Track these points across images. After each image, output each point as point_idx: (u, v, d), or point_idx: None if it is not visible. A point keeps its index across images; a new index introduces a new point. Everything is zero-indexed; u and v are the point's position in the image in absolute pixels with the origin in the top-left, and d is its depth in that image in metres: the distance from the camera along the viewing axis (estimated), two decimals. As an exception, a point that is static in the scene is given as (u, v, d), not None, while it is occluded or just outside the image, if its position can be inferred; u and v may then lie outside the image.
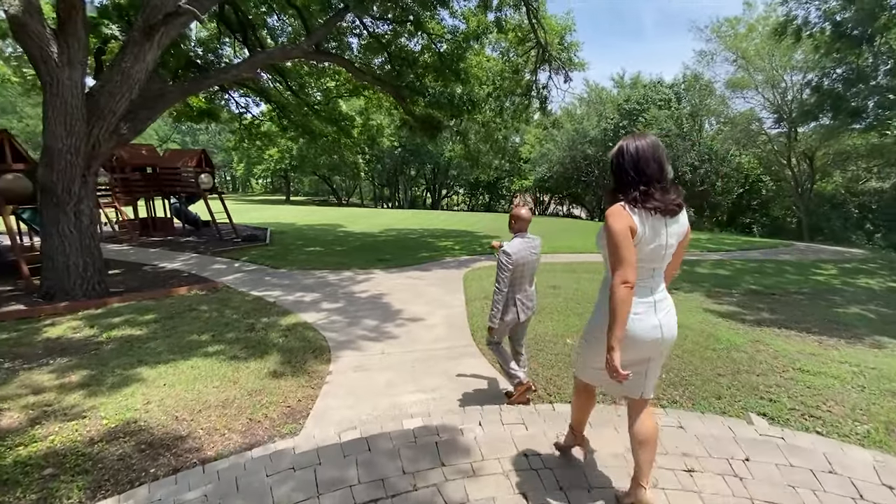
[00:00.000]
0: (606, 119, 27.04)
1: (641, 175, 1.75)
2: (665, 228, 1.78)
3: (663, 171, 1.78)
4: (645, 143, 1.79)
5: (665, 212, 1.75)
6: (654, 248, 1.77)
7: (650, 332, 1.82)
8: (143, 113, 8.00)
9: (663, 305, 1.88)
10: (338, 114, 14.99)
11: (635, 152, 1.78)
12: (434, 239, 15.00)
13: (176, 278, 8.93)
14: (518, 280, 3.32)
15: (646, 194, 1.73)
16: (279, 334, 5.27)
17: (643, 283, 1.81)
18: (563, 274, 9.39)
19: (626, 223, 1.70)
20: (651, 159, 1.76)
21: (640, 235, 1.71)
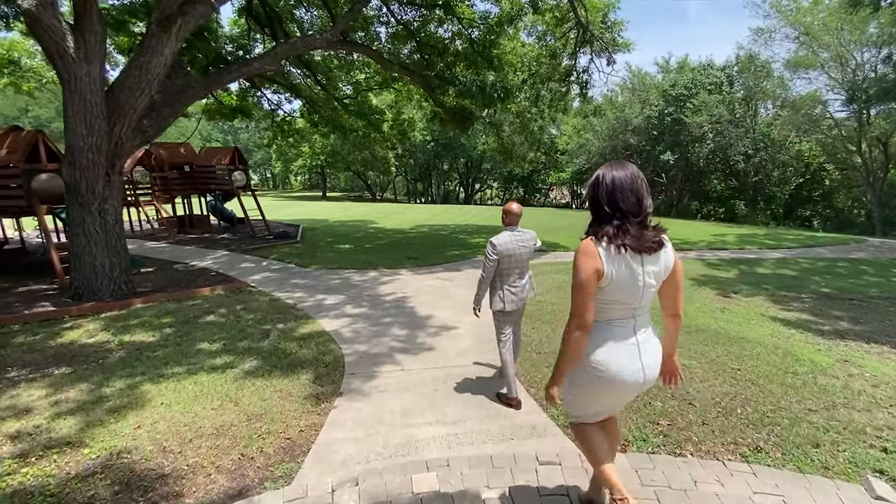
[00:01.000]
0: (650, 106, 25.39)
1: (616, 209, 1.61)
2: (641, 267, 1.62)
3: (642, 204, 1.61)
4: (623, 173, 1.63)
5: (640, 250, 1.59)
6: (628, 288, 1.62)
7: (633, 376, 1.69)
8: (165, 109, 7.84)
9: (647, 347, 1.74)
10: (367, 108, 14.61)
11: (611, 183, 1.62)
12: (466, 235, 14.42)
13: (203, 277, 8.83)
14: (506, 271, 3.44)
15: (620, 230, 1.60)
16: (294, 344, 4.86)
17: (623, 323, 1.69)
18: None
19: (592, 266, 1.59)
20: (629, 191, 1.60)
21: (609, 276, 1.59)
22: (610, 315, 1.68)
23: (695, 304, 6.76)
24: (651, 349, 1.73)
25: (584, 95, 11.39)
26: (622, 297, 1.63)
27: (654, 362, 1.74)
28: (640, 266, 1.61)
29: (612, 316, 1.68)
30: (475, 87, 10.13)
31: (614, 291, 1.61)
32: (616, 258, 1.58)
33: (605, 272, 1.57)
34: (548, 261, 10.23)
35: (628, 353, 1.67)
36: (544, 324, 5.45)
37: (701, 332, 5.25)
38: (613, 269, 1.58)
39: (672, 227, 10.69)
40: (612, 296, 1.62)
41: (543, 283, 7.70)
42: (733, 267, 10.01)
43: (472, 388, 3.82)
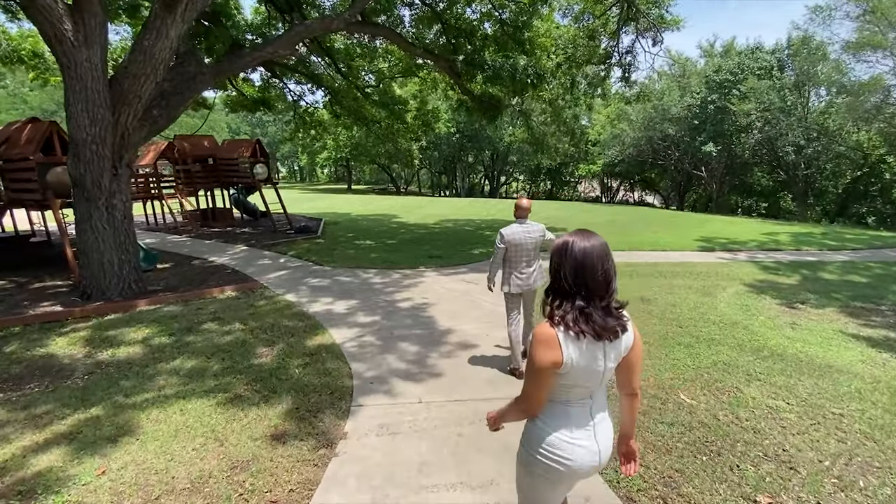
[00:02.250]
0: (692, 93, 23.74)
1: (581, 287, 1.41)
2: (602, 352, 1.45)
3: (609, 286, 1.43)
4: (593, 245, 1.44)
5: (602, 337, 1.42)
6: (588, 373, 1.46)
7: (590, 461, 1.54)
8: (175, 98, 7.38)
9: (602, 428, 1.58)
10: (390, 97, 13.95)
11: (581, 256, 1.42)
12: (492, 232, 13.64)
13: (217, 275, 8.44)
14: (514, 259, 3.90)
15: (582, 313, 1.40)
16: (298, 363, 4.28)
17: (581, 405, 1.54)
18: (650, 279, 7.69)
19: (550, 358, 1.40)
20: (598, 269, 1.40)
21: (568, 364, 1.42)
22: (568, 397, 1.53)
23: (758, 318, 5.84)
24: (605, 429, 1.61)
25: (628, 79, 10.35)
26: (582, 381, 1.49)
27: (608, 444, 1.62)
28: (601, 351, 1.46)
29: (570, 398, 1.53)
30: (505, 72, 9.30)
31: (573, 377, 1.46)
32: (576, 343, 1.42)
33: (564, 361, 1.41)
34: (582, 262, 9.36)
35: (586, 438, 1.54)
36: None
37: (776, 357, 4.38)
38: (573, 357, 1.42)
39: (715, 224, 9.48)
40: (571, 380, 1.48)
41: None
42: (793, 271, 8.92)
43: (505, 433, 3.12)
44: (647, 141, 26.17)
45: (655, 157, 27.70)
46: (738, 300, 6.72)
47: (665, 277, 7.96)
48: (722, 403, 3.36)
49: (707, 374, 3.88)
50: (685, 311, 5.86)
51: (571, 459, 1.50)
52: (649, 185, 39.00)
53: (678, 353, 4.37)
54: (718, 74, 22.48)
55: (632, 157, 28.12)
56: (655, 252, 10.64)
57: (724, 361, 4.15)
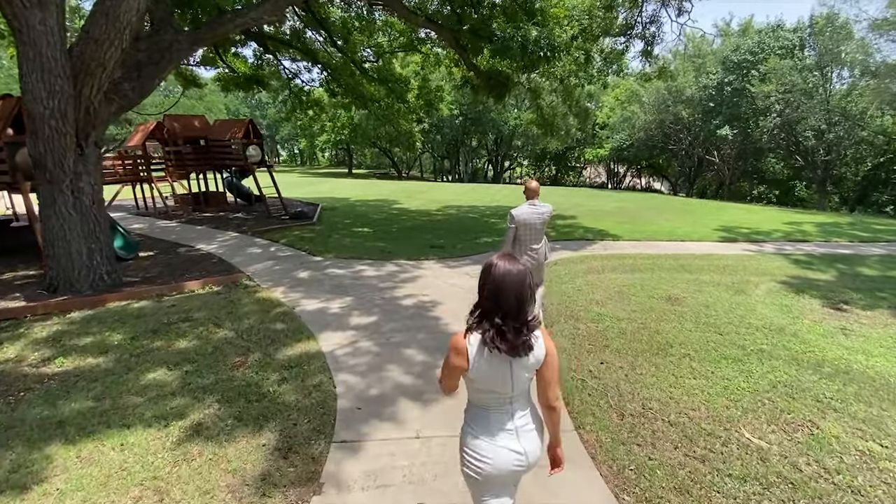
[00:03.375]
0: (708, 74, 22.58)
1: (498, 307, 1.52)
2: (510, 364, 1.55)
3: (521, 310, 1.53)
4: (512, 271, 1.53)
5: (511, 354, 1.52)
6: (498, 382, 1.57)
7: (513, 461, 1.63)
8: (148, 69, 6.59)
9: (525, 430, 1.67)
10: (390, 74, 13.06)
11: (501, 279, 1.53)
12: (497, 219, 12.89)
13: (202, 265, 7.82)
14: (524, 237, 4.20)
15: (498, 331, 1.51)
16: (275, 377, 3.61)
17: (500, 411, 1.64)
18: (674, 275, 6.98)
19: (458, 363, 1.57)
20: (511, 294, 1.52)
21: (475, 372, 1.55)
22: (487, 403, 1.63)
23: (802, 321, 5.14)
24: (529, 432, 1.67)
25: (650, 53, 9.43)
26: (493, 388, 1.59)
27: (533, 446, 1.67)
28: (507, 365, 1.55)
29: (489, 404, 1.63)
30: (516, 43, 8.44)
31: (483, 383, 1.58)
32: (486, 355, 1.53)
33: (471, 368, 1.55)
34: (596, 252, 8.66)
35: (508, 441, 1.63)
36: (617, 355, 3.99)
37: (842, 375, 3.68)
38: (479, 366, 1.54)
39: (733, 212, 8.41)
40: (482, 386, 1.59)
41: (598, 286, 6.19)
42: (829, 266, 8.19)
43: (526, 487, 2.43)
44: (659, 125, 25.12)
45: (666, 141, 26.67)
46: (775, 299, 6.03)
47: (690, 272, 7.25)
48: (799, 446, 2.68)
49: (769, 400, 3.19)
50: (721, 314, 5.16)
51: (492, 459, 1.60)
52: (657, 171, 37.92)
53: (726, 369, 3.68)
54: (736, 54, 21.29)
55: (641, 141, 27.08)
56: (674, 242, 9.91)
57: (784, 382, 3.46)
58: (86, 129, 6.12)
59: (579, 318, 4.85)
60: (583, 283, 6.24)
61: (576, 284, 6.20)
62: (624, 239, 10.07)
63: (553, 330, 4.58)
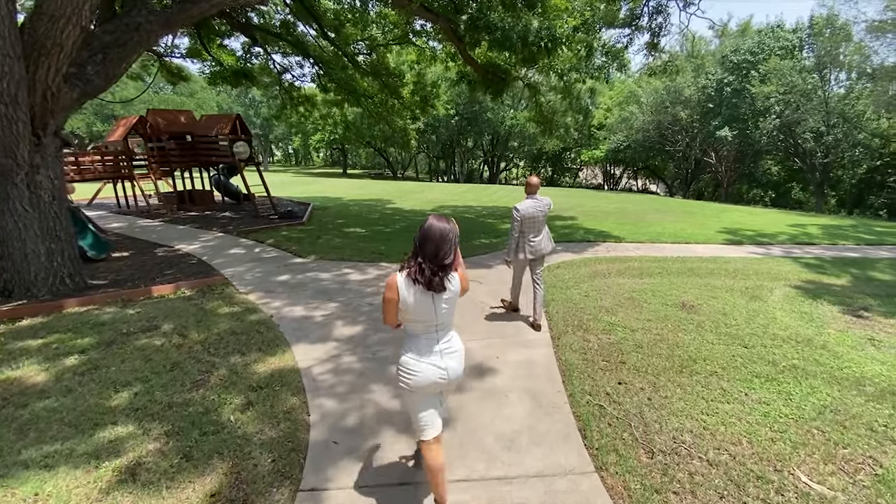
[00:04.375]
0: (706, 75, 22.24)
1: (422, 251, 1.93)
2: (433, 298, 1.96)
3: (437, 255, 1.92)
4: (437, 226, 1.95)
5: (430, 289, 1.93)
6: (423, 312, 1.97)
7: (436, 375, 2.02)
8: (115, 52, 6.03)
9: (448, 352, 2.07)
10: (384, 68, 12.54)
11: (426, 230, 1.95)
12: (494, 220, 12.41)
13: (178, 267, 7.28)
14: (526, 230, 4.45)
15: (420, 269, 1.91)
16: (239, 401, 3.09)
17: (427, 337, 2.04)
18: (684, 279, 6.52)
19: (391, 295, 1.96)
20: (433, 243, 1.92)
21: (405, 303, 1.94)
22: (416, 330, 2.04)
23: (827, 331, 4.70)
24: (453, 354, 2.08)
25: (656, 45, 8.97)
26: (420, 318, 1.98)
27: (453, 364, 2.07)
28: (430, 299, 1.96)
29: (418, 331, 2.03)
30: (516, 34, 7.97)
31: (413, 313, 1.97)
32: (412, 288, 1.93)
33: (401, 301, 1.94)
34: (599, 254, 8.19)
35: (431, 359, 2.02)
36: (636, 373, 3.49)
37: (889, 397, 3.20)
38: (407, 298, 1.93)
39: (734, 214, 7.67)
40: (412, 316, 1.98)
41: (606, 292, 5.71)
42: (841, 270, 7.78)
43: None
44: (656, 126, 24.77)
45: (663, 142, 26.34)
46: (793, 306, 5.59)
47: (700, 276, 6.79)
48: (865, 492, 2.21)
49: (818, 430, 2.71)
50: (742, 323, 4.70)
51: (419, 373, 2.00)
52: (654, 172, 37.69)
53: (762, 390, 3.20)
54: (736, 55, 20.98)
55: (638, 142, 26.74)
56: (679, 245, 9.47)
57: (830, 406, 3.00)
58: (43, 116, 5.57)
59: (589, 328, 4.36)
60: (589, 289, 5.75)
61: (582, 290, 5.71)
62: (627, 241, 9.62)
63: (561, 342, 4.09)
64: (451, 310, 2.04)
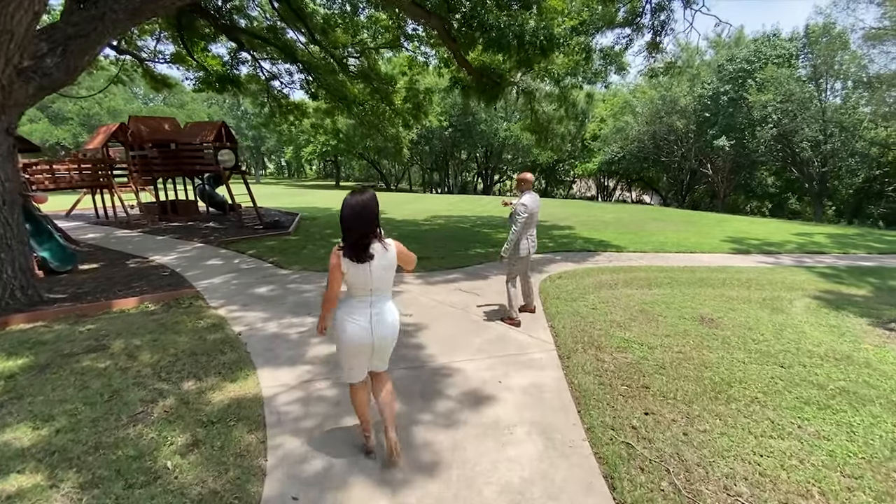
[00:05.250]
0: (702, 84, 22.14)
1: (346, 228, 2.18)
2: (369, 266, 2.19)
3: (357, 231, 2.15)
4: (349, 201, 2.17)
5: (360, 261, 2.17)
6: (360, 279, 2.21)
7: (363, 333, 2.27)
8: (76, 43, 5.52)
9: (380, 319, 2.30)
10: (375, 73, 12.14)
11: (343, 209, 2.17)
12: (490, 230, 11.91)
13: (148, 279, 6.70)
14: (529, 226, 4.46)
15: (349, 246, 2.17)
16: (182, 442, 2.50)
17: (362, 301, 2.28)
18: (697, 290, 6.02)
19: (335, 262, 2.20)
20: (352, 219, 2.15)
21: (345, 271, 2.20)
22: (354, 294, 2.28)
23: (865, 347, 4.21)
24: (383, 320, 2.31)
25: (658, 45, 8.60)
26: (358, 284, 2.22)
27: (384, 333, 2.32)
28: (368, 266, 2.18)
29: (355, 295, 2.28)
30: (511, 33, 7.58)
31: (351, 281, 2.23)
32: (347, 261, 2.18)
33: (343, 269, 2.19)
34: (601, 265, 7.70)
35: (363, 320, 2.26)
36: (664, 401, 2.94)
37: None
38: (350, 269, 2.19)
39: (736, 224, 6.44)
40: (352, 282, 2.23)
41: (616, 305, 5.18)
42: (859, 280, 7.33)
43: None
44: (651, 136, 24.59)
45: (658, 153, 26.16)
46: (819, 318, 5.11)
47: (712, 286, 6.30)
48: None
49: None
50: (771, 339, 4.19)
51: (346, 331, 2.25)
52: (648, 184, 37.56)
53: (818, 421, 2.67)
54: (732, 63, 20.91)
55: (633, 153, 26.53)
56: (684, 254, 9.01)
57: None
58: (-7, 112, 5.02)
59: (601, 345, 3.83)
60: (596, 301, 5.23)
61: (588, 302, 5.19)
62: (629, 250, 9.15)
63: (571, 363, 3.54)
64: (386, 276, 2.27)
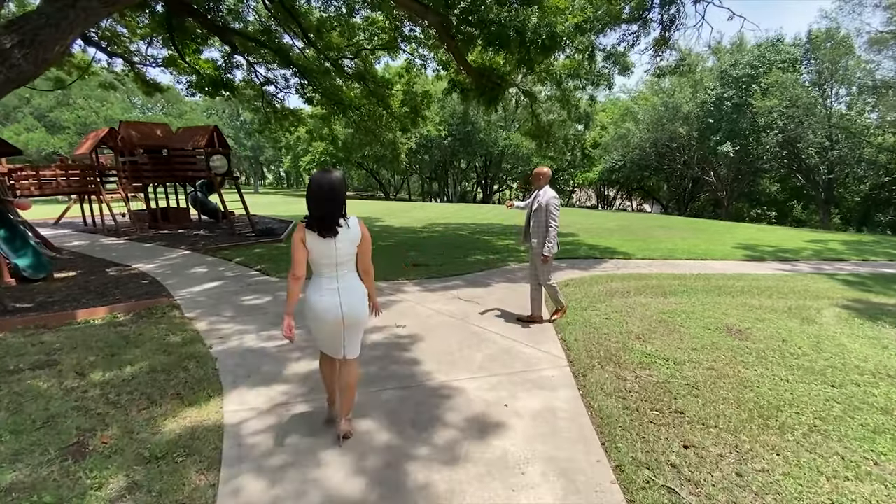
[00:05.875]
0: (705, 90, 21.85)
1: (313, 205, 2.26)
2: (333, 240, 2.29)
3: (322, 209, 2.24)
4: (319, 180, 2.29)
5: (324, 236, 2.27)
6: (324, 254, 2.30)
7: (332, 310, 2.33)
8: (46, 33, 5.13)
9: (347, 294, 2.37)
10: (371, 76, 11.79)
11: (310, 185, 2.29)
12: (490, 237, 11.46)
13: (125, 288, 6.27)
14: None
15: (314, 221, 2.25)
16: (115, 486, 2.02)
17: (328, 277, 2.36)
18: (716, 298, 5.54)
19: (299, 236, 2.29)
20: (318, 196, 2.24)
21: (310, 246, 2.29)
22: (321, 270, 2.36)
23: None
24: (350, 295, 2.37)
25: (667, 41, 8.21)
26: (322, 259, 2.31)
27: (351, 303, 2.37)
28: (327, 243, 2.28)
29: (321, 271, 2.36)
30: (512, 29, 7.21)
31: (315, 255, 2.30)
32: (312, 235, 2.27)
33: (308, 244, 2.28)
34: (609, 272, 7.23)
35: (330, 295, 2.33)
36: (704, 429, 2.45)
37: None
38: (313, 242, 2.28)
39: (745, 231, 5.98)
40: (316, 257, 2.30)
41: (631, 314, 4.70)
42: (886, 287, 6.87)
43: None
44: (653, 143, 24.28)
45: (660, 161, 25.83)
46: (854, 329, 4.64)
47: (731, 295, 5.82)
48: None
49: None
50: (810, 352, 3.71)
51: (318, 307, 2.32)
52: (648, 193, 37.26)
53: (895, 455, 2.18)
54: (735, 69, 20.64)
55: (634, 161, 26.21)
56: (695, 261, 8.54)
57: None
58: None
59: (621, 361, 3.34)
60: (609, 310, 4.75)
61: (601, 311, 4.71)
62: (637, 257, 8.69)
63: (588, 381, 3.05)
64: (350, 250, 2.34)
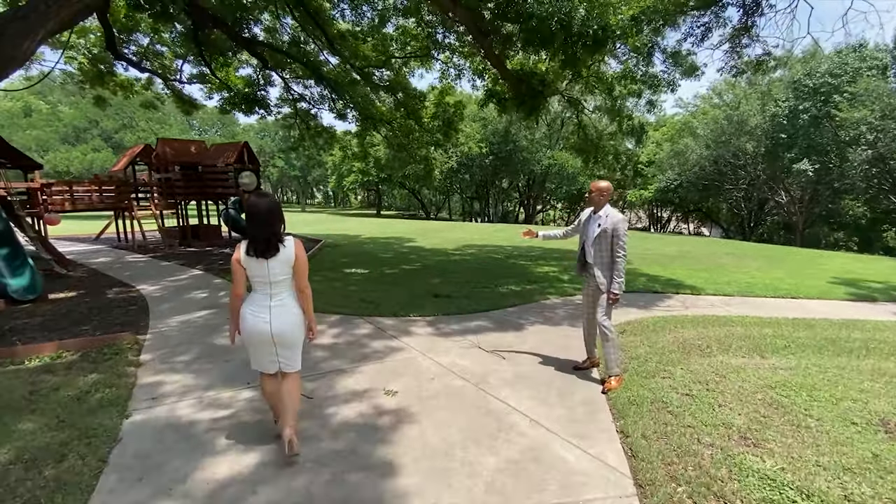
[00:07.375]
0: (776, 102, 19.58)
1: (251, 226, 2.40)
2: (267, 262, 2.42)
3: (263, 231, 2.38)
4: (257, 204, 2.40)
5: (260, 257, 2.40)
6: (259, 273, 2.44)
7: (261, 326, 2.45)
8: (14, 26, 4.57)
9: (278, 311, 2.49)
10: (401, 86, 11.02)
11: (248, 209, 2.42)
12: (528, 262, 10.13)
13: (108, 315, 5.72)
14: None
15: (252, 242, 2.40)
16: None
17: (262, 294, 2.49)
18: (836, 360, 3.98)
19: (236, 257, 2.44)
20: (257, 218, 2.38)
21: (245, 265, 2.43)
22: (256, 287, 2.50)
23: None
24: (281, 313, 2.49)
25: (749, 29, 6.74)
26: (256, 278, 2.46)
27: (282, 321, 2.48)
28: (266, 262, 2.41)
29: (257, 289, 2.49)
30: (555, 21, 6.09)
31: (252, 274, 2.45)
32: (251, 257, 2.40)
33: (245, 265, 2.43)
34: (677, 312, 5.78)
35: (262, 312, 2.46)
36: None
37: None
38: (249, 263, 2.42)
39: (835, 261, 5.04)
40: (252, 275, 2.45)
41: (720, 389, 3.29)
42: None
43: None
44: (713, 161, 22.07)
45: (721, 180, 23.47)
46: None
47: (857, 356, 4.23)
48: None
49: None
50: None
51: (247, 322, 2.45)
52: (707, 215, 34.37)
53: None
54: (812, 78, 18.32)
55: (691, 181, 23.99)
56: (784, 300, 6.86)
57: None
58: None
59: (726, 493, 1.98)
60: (689, 379, 3.36)
61: (677, 380, 3.32)
62: (707, 292, 7.13)
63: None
64: (285, 271, 2.47)
